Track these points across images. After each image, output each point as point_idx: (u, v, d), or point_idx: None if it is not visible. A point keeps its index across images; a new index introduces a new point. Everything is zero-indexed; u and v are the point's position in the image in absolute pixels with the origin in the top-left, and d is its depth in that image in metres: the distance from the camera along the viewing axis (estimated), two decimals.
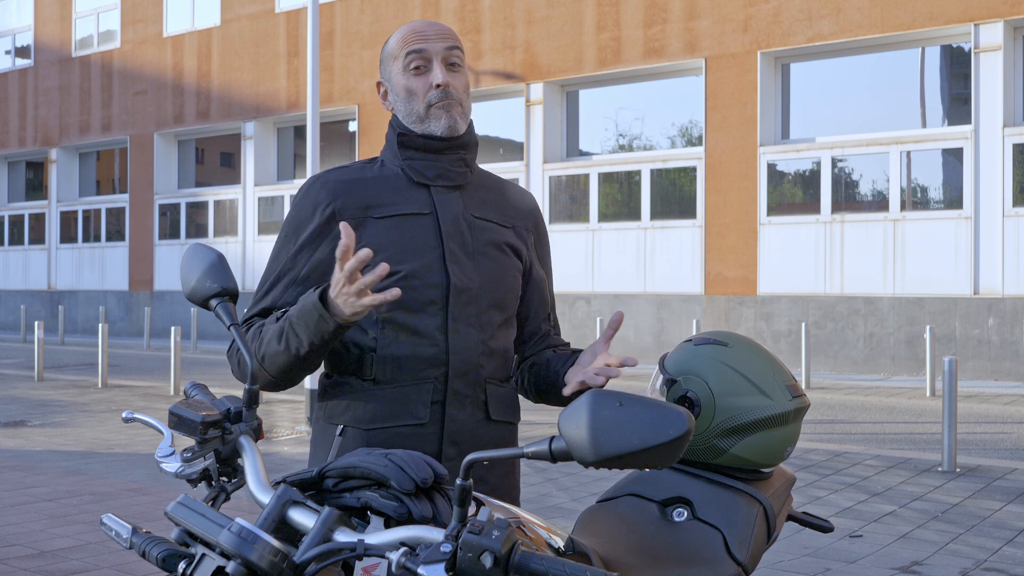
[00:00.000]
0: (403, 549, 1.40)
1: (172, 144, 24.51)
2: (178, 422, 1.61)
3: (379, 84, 2.15)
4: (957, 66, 15.12)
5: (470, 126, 2.14)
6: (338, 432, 2.05)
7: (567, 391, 2.00)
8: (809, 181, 15.84)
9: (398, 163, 2.10)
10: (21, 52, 27.84)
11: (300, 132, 22.11)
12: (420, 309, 2.02)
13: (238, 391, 3.78)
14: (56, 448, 8.19)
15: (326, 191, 2.07)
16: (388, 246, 2.01)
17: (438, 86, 2.04)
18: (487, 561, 1.36)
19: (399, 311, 2.01)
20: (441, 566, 1.36)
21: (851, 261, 15.12)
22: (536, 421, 9.04)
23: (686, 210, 16.85)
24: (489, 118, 19.79)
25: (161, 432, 1.73)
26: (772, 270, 15.75)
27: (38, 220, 27.32)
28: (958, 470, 7.18)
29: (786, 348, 15.34)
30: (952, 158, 14.67)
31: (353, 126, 21.45)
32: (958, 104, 15.08)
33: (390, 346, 2.01)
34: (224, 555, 1.46)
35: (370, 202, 2.06)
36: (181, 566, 1.51)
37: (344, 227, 1.77)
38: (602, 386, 1.96)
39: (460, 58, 2.09)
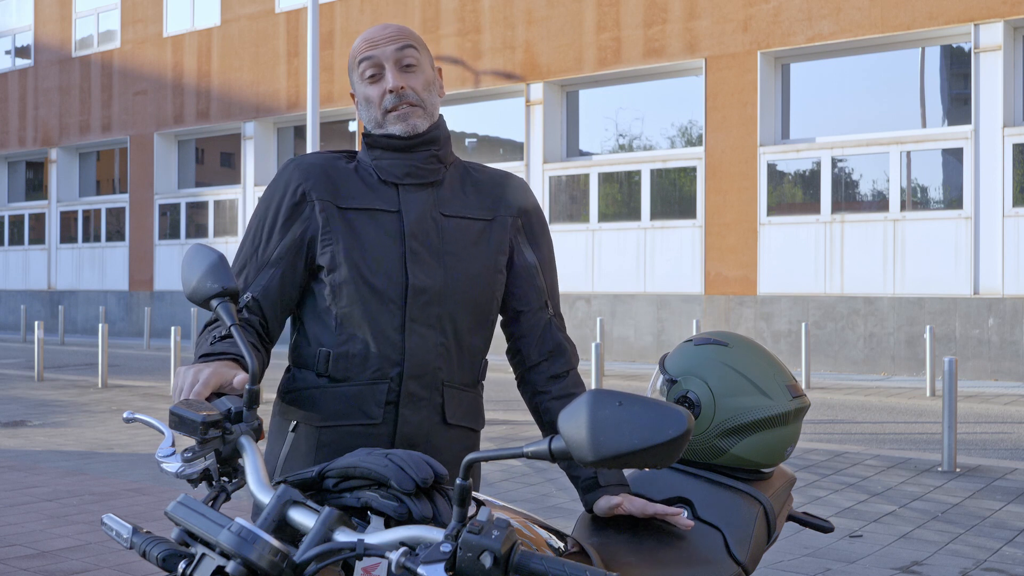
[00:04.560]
0: (403, 549, 1.40)
1: (172, 144, 24.51)
2: (179, 422, 1.61)
3: (352, 95, 2.15)
4: (957, 66, 15.12)
5: (440, 121, 2.11)
6: (291, 428, 2.04)
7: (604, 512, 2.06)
8: (809, 181, 15.84)
9: (368, 162, 2.09)
10: (21, 52, 27.84)
11: (300, 132, 22.12)
12: (379, 307, 2.00)
13: None
14: (56, 448, 8.19)
15: (299, 172, 2.06)
16: (349, 238, 2.00)
17: (391, 91, 2.03)
18: (487, 561, 1.36)
19: (357, 308, 1.99)
20: (441, 566, 1.36)
21: (851, 261, 15.12)
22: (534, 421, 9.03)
23: (686, 210, 16.85)
24: (489, 118, 19.79)
25: (162, 432, 1.73)
26: (772, 270, 15.75)
27: (38, 220, 27.32)
28: (958, 470, 7.18)
29: (786, 348, 15.34)
30: (952, 158, 14.67)
31: (353, 126, 21.45)
32: (958, 104, 15.08)
33: (347, 343, 2.00)
34: (224, 555, 1.46)
35: (339, 191, 2.04)
36: (181, 566, 1.51)
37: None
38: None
39: (415, 57, 2.06)
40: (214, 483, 1.65)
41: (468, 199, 2.11)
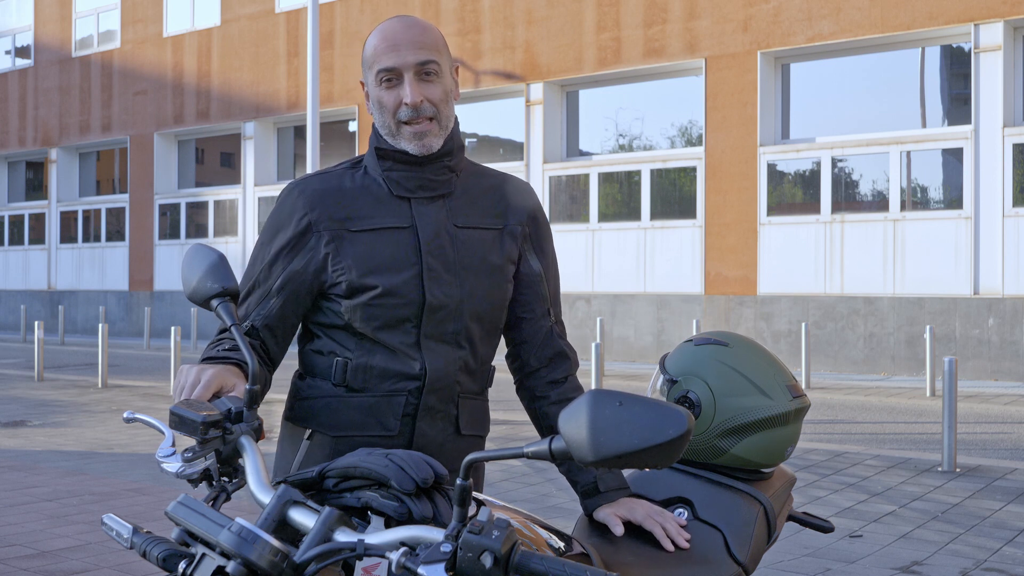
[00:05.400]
0: (403, 549, 1.40)
1: (172, 144, 24.51)
2: (179, 422, 1.61)
3: (362, 83, 2.07)
4: (957, 66, 15.12)
5: (453, 130, 2.05)
6: (306, 436, 2.02)
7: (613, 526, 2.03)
8: (809, 181, 15.84)
9: (379, 172, 2.03)
10: (21, 52, 27.84)
11: (300, 132, 22.11)
12: (394, 326, 1.97)
13: None
14: (56, 448, 8.19)
15: (303, 200, 2.01)
16: (365, 261, 1.96)
17: (407, 104, 1.96)
18: (487, 561, 1.36)
19: (372, 327, 1.97)
20: (441, 566, 1.36)
21: (851, 261, 15.12)
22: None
23: (686, 210, 16.85)
24: (489, 118, 19.79)
25: (162, 432, 1.73)
26: (772, 270, 15.75)
27: (38, 220, 27.32)
28: (958, 470, 7.18)
29: (786, 348, 15.34)
30: (952, 158, 14.68)
31: (353, 126, 21.45)
32: (958, 104, 15.08)
33: (366, 356, 1.98)
34: (224, 555, 1.46)
35: (348, 214, 1.99)
36: (181, 566, 1.51)
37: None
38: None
39: (436, 68, 1.97)
40: (214, 483, 1.65)
41: (478, 207, 2.08)
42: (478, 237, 2.05)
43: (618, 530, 2.00)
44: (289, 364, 2.55)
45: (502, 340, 2.17)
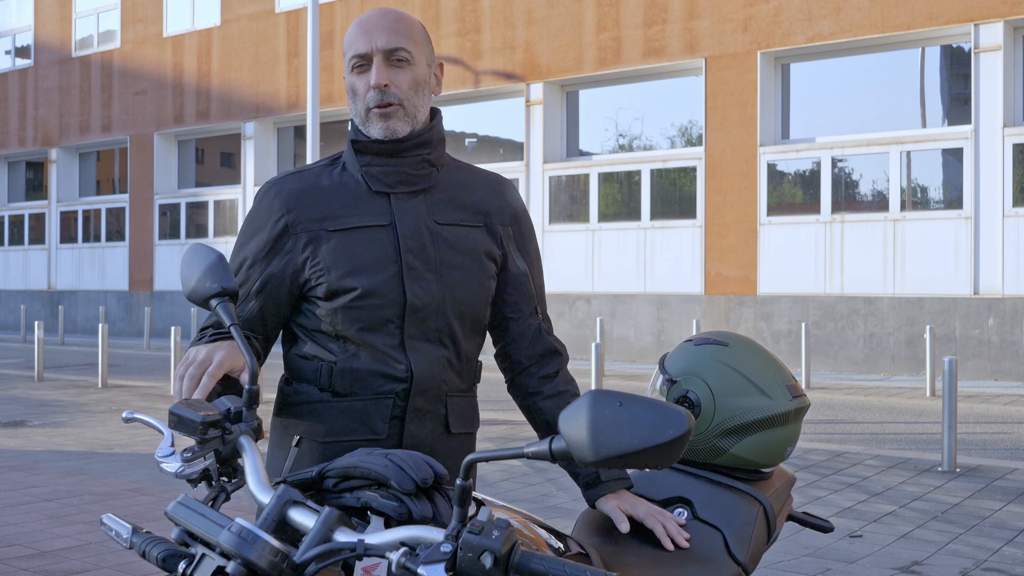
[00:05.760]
0: (403, 549, 1.40)
1: (172, 144, 24.51)
2: (178, 422, 1.61)
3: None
4: (957, 66, 15.12)
5: (435, 123, 2.04)
6: (294, 443, 2.01)
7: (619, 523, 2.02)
8: (809, 181, 15.84)
9: (357, 168, 2.01)
10: (21, 52, 27.84)
11: (300, 132, 22.11)
12: (377, 328, 1.95)
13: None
14: (56, 448, 8.19)
15: (280, 201, 1.99)
16: (343, 262, 1.94)
17: (374, 87, 1.94)
18: (487, 561, 1.36)
19: (354, 329, 1.95)
20: (441, 566, 1.36)
21: (851, 261, 15.12)
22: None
23: (686, 210, 16.85)
24: (489, 118, 19.78)
25: (161, 432, 1.73)
26: (772, 270, 15.75)
27: (38, 220, 27.32)
28: (958, 470, 7.18)
29: (786, 348, 15.34)
30: (952, 158, 14.67)
31: None
32: (958, 104, 15.08)
33: (350, 359, 1.96)
34: (224, 555, 1.46)
35: (325, 213, 1.97)
36: (181, 566, 1.51)
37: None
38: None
39: (408, 53, 1.96)
40: (214, 483, 1.64)
41: (459, 203, 2.06)
42: (459, 234, 2.03)
43: (623, 527, 1.99)
44: (278, 364, 2.54)
45: (488, 337, 2.16)
